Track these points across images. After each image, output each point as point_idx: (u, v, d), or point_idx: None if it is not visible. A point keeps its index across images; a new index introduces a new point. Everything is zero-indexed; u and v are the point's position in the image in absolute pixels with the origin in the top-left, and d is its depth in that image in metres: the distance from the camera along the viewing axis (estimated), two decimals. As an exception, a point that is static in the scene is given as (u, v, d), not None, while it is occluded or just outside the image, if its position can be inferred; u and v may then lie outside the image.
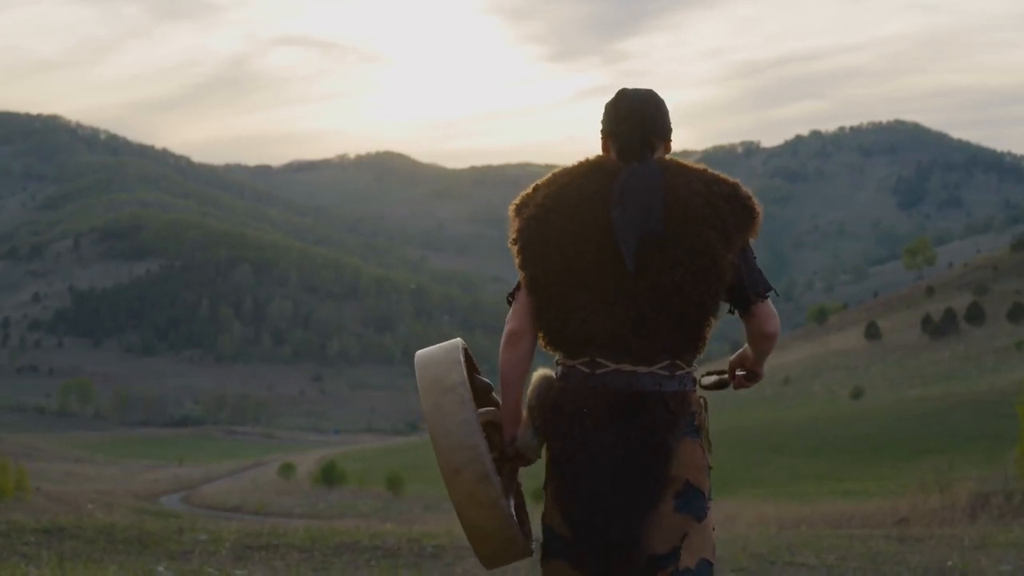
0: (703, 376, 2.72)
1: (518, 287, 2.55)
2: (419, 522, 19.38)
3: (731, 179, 2.52)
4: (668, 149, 2.60)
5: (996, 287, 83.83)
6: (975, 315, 74.22)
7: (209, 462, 72.70)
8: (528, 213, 2.51)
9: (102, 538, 6.64)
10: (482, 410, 2.58)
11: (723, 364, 2.86)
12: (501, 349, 2.53)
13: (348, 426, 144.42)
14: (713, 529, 2.51)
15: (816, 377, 68.51)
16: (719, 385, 2.76)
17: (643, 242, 2.40)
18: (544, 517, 2.53)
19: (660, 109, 2.57)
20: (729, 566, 6.09)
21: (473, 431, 2.39)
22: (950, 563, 5.82)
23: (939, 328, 74.04)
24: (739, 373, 2.73)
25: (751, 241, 2.52)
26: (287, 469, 50.62)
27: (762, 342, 2.57)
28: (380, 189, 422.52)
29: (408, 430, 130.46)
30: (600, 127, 2.61)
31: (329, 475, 44.56)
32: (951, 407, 41.05)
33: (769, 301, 2.52)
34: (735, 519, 12.73)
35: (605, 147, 2.60)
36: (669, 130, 2.59)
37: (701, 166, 2.54)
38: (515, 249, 2.52)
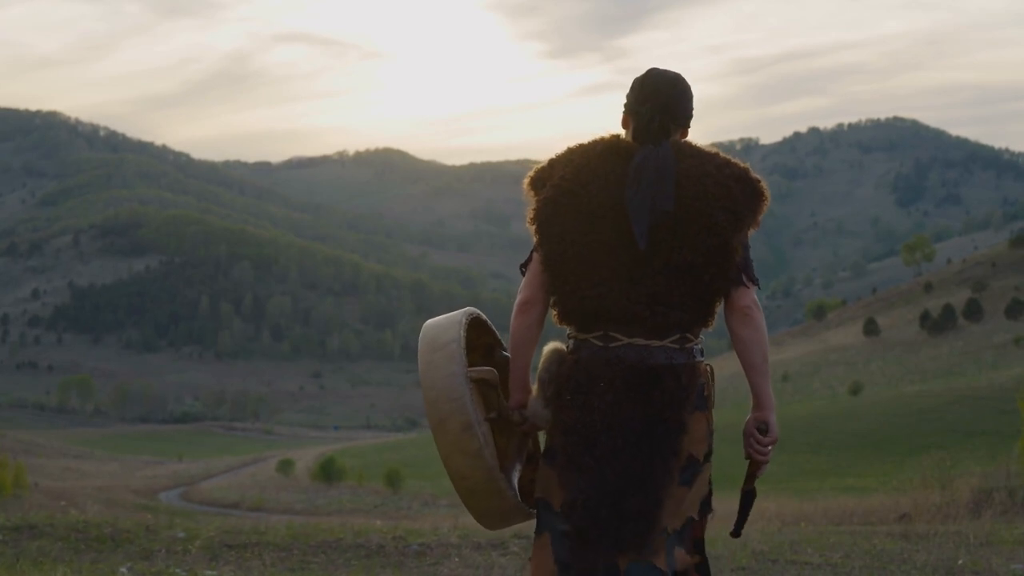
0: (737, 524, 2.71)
1: (530, 257, 2.61)
2: (416, 519, 19.28)
3: (742, 163, 2.57)
4: (685, 135, 2.64)
5: (994, 283, 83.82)
6: (973, 311, 74.20)
7: (208, 458, 72.63)
8: (545, 193, 2.57)
9: (73, 536, 6.52)
10: (476, 368, 2.62)
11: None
12: (512, 317, 2.61)
13: (347, 422, 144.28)
14: (709, 483, 2.60)
15: (815, 373, 68.45)
16: (748, 499, 2.69)
17: (656, 222, 2.46)
18: (538, 492, 2.57)
19: (684, 96, 2.62)
20: (729, 565, 5.98)
21: (458, 383, 2.48)
22: (960, 562, 5.72)
23: (938, 324, 74.01)
24: (755, 432, 2.60)
25: (752, 230, 2.60)
26: (286, 465, 50.55)
27: (738, 321, 2.52)
28: (380, 186, 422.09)
29: (407, 427, 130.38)
30: (624, 101, 2.65)
31: (328, 471, 44.47)
32: (950, 403, 41.02)
33: (753, 291, 2.56)
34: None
35: (625, 122, 2.65)
36: (689, 118, 2.64)
37: (713, 149, 2.59)
38: (533, 228, 2.58)
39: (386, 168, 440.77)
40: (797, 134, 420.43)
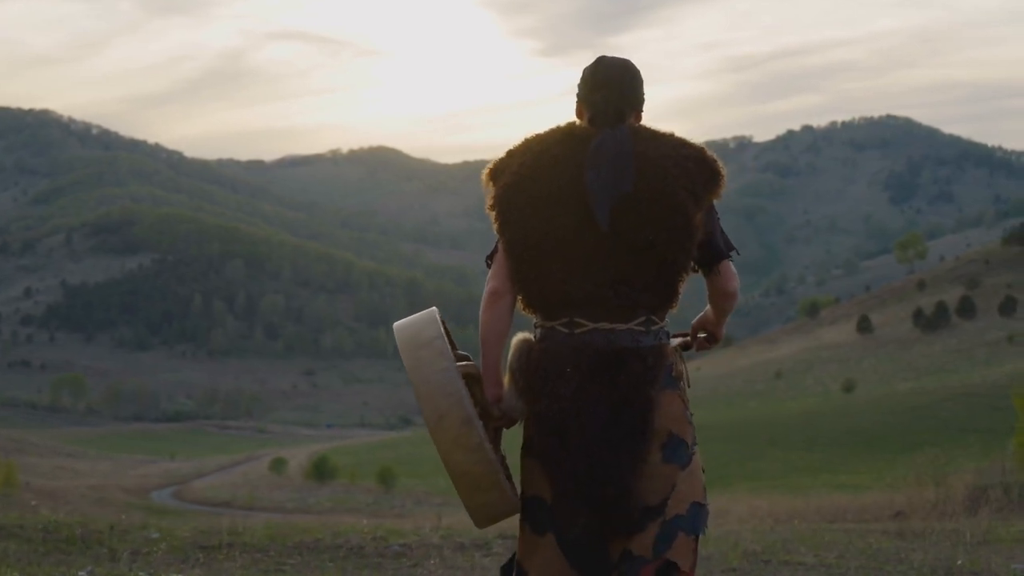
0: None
1: (496, 248, 2.61)
2: (406, 518, 19.14)
3: (697, 143, 2.58)
4: (639, 119, 2.66)
5: (987, 281, 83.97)
6: (966, 309, 74.26)
7: (201, 457, 72.41)
8: (504, 180, 2.58)
9: (41, 537, 6.38)
10: (460, 363, 2.59)
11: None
12: (481, 309, 2.59)
13: (340, 421, 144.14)
14: (703, 471, 2.61)
15: (808, 371, 68.43)
16: (683, 347, 2.83)
17: (617, 203, 2.46)
18: (525, 489, 2.57)
19: (635, 80, 2.65)
20: (719, 566, 5.81)
21: (453, 377, 2.44)
22: (959, 561, 5.56)
23: (931, 322, 74.06)
24: (700, 336, 2.85)
25: (715, 202, 2.60)
26: (278, 464, 50.43)
27: (725, 300, 2.69)
28: (373, 184, 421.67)
29: (401, 424, 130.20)
30: (576, 91, 2.68)
31: (320, 470, 44.35)
32: (943, 400, 41.04)
33: (731, 261, 2.63)
34: (726, 514, 12.50)
35: (579, 111, 2.67)
36: (642, 101, 2.67)
37: (668, 131, 2.61)
38: (493, 215, 2.59)
39: (380, 166, 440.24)
40: (790, 132, 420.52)
